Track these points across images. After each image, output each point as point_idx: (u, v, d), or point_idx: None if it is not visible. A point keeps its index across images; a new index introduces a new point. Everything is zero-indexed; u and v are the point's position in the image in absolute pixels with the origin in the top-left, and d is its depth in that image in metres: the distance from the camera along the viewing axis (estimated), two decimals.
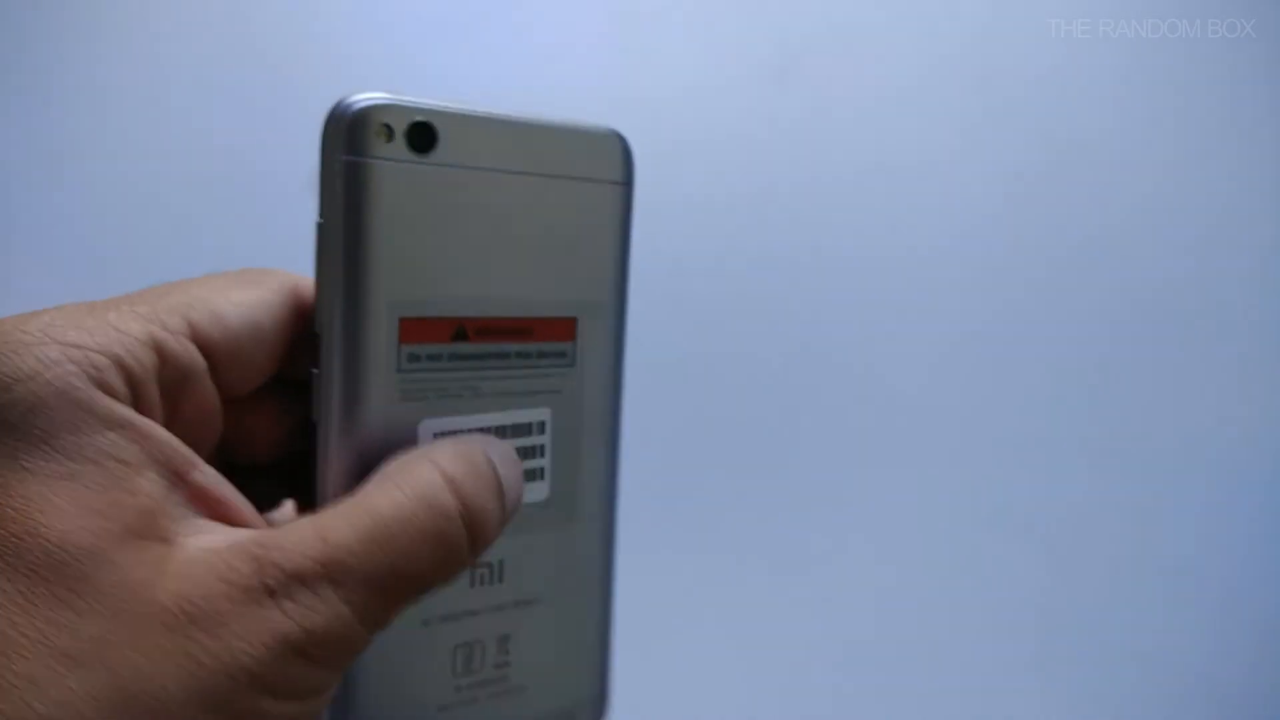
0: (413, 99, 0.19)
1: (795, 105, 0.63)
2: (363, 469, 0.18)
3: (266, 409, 0.20)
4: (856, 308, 0.62)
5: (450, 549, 0.16)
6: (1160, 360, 0.62)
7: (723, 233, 0.62)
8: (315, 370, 0.18)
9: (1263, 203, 0.63)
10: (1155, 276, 0.62)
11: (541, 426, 0.21)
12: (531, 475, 0.21)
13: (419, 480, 0.16)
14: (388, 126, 0.18)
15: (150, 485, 0.15)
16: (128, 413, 0.15)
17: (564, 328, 0.22)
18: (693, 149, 0.62)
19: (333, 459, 0.18)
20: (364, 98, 0.18)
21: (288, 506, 0.22)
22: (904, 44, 0.63)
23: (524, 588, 0.21)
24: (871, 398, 0.61)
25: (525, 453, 0.21)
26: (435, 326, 0.19)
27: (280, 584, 0.14)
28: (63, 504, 0.14)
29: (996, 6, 0.63)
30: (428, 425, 0.19)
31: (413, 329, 0.19)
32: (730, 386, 0.61)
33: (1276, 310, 0.62)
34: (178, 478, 0.15)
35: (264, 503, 0.20)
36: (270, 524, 0.17)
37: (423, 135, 0.19)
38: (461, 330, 0.20)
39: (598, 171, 0.22)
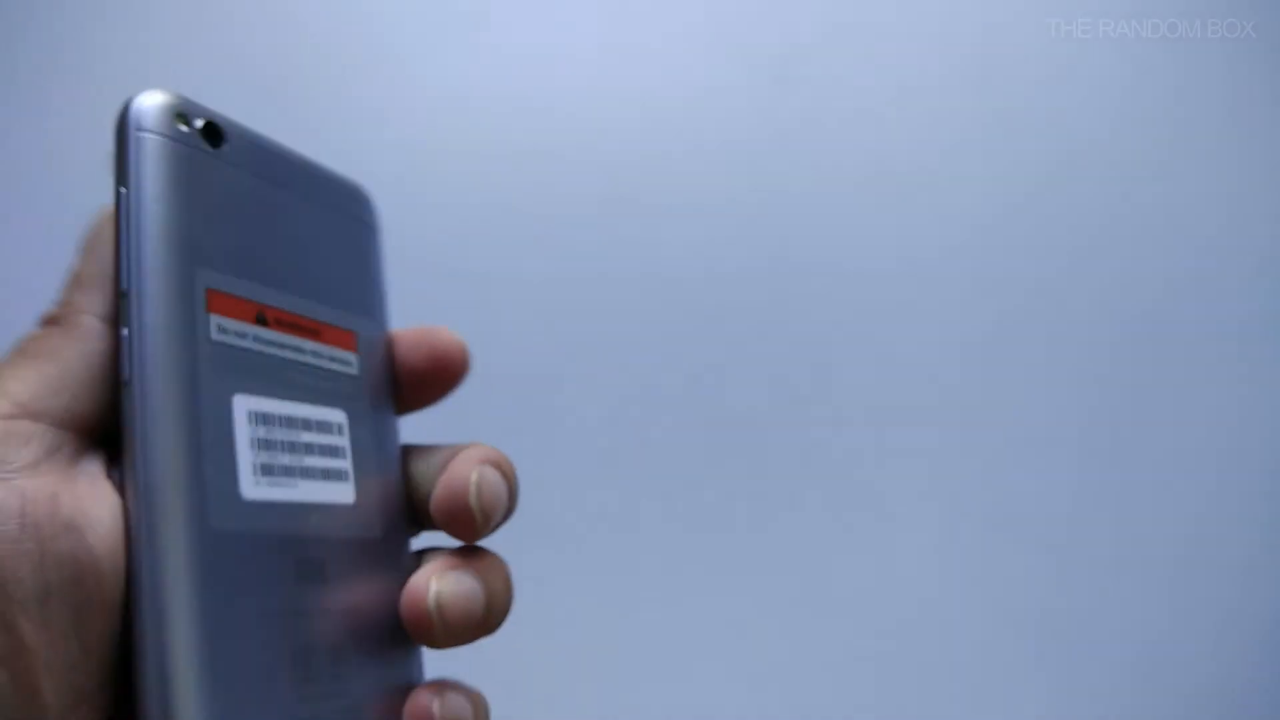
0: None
1: (794, 105, 0.63)
2: (177, 432, 0.17)
3: None
4: (856, 307, 0.62)
5: None
6: (1160, 360, 0.62)
7: (721, 231, 0.62)
8: (125, 330, 0.18)
9: (1262, 202, 0.63)
10: (1155, 276, 0.62)
11: (340, 428, 0.21)
12: (338, 475, 0.21)
13: None
14: (183, 115, 0.19)
15: None
16: None
17: (346, 338, 0.22)
18: (692, 148, 0.62)
19: (146, 418, 0.17)
20: (159, 92, 0.19)
21: None
22: (903, 44, 0.63)
23: (345, 597, 0.20)
24: (872, 398, 0.61)
25: (329, 451, 0.21)
26: (238, 305, 0.20)
27: None
28: None
29: (996, 6, 0.63)
30: (240, 401, 0.19)
31: (218, 302, 0.19)
32: (729, 387, 0.61)
33: (1276, 309, 0.62)
34: None
35: None
36: None
37: (213, 132, 0.20)
38: (262, 316, 0.20)
39: (357, 213, 0.24)
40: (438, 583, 0.21)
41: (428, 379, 0.24)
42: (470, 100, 0.63)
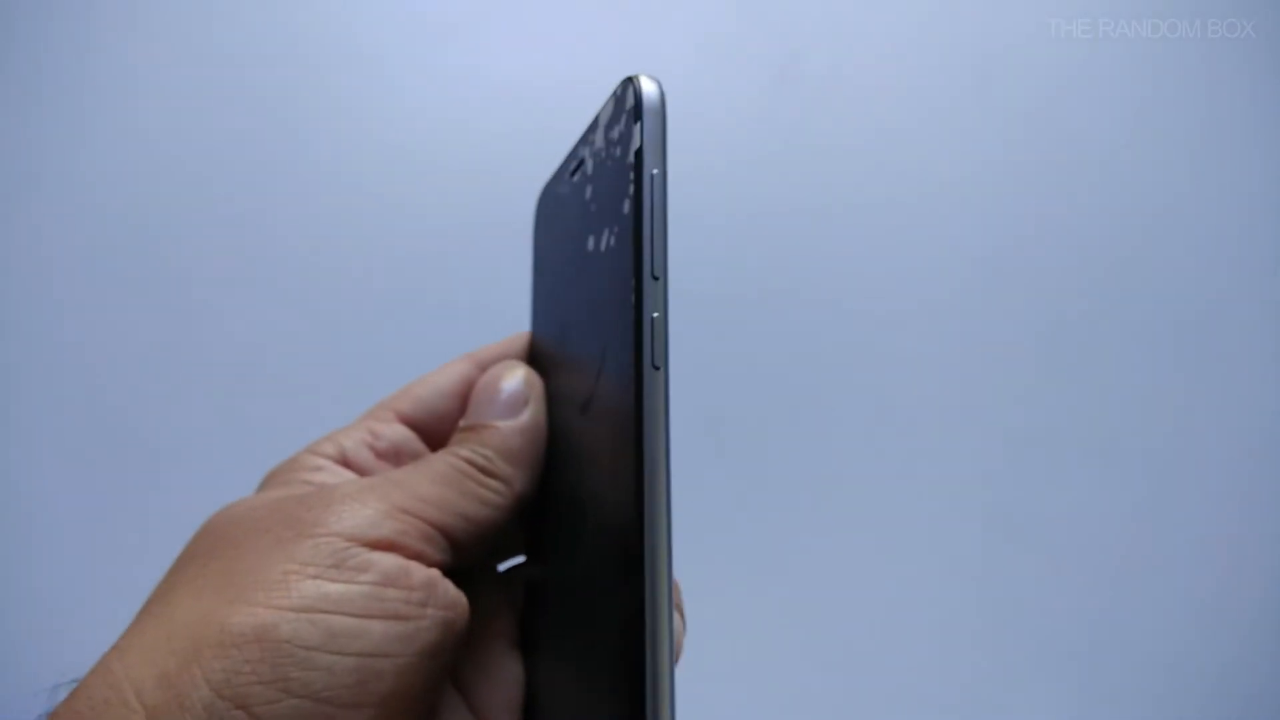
0: None
1: (794, 104, 0.63)
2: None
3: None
4: (856, 306, 0.62)
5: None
6: (1159, 359, 0.62)
7: (719, 231, 0.62)
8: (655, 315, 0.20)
9: (1262, 203, 0.63)
10: (1154, 275, 0.62)
11: None
12: None
13: None
14: None
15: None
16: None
17: None
18: (692, 148, 0.62)
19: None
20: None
21: None
22: (903, 44, 0.63)
23: None
24: (872, 398, 0.61)
25: None
26: None
27: None
28: None
29: (996, 6, 0.63)
30: None
31: None
32: (730, 387, 0.61)
33: (1275, 310, 0.62)
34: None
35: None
36: None
37: None
38: None
39: None
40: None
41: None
42: (469, 101, 0.62)
